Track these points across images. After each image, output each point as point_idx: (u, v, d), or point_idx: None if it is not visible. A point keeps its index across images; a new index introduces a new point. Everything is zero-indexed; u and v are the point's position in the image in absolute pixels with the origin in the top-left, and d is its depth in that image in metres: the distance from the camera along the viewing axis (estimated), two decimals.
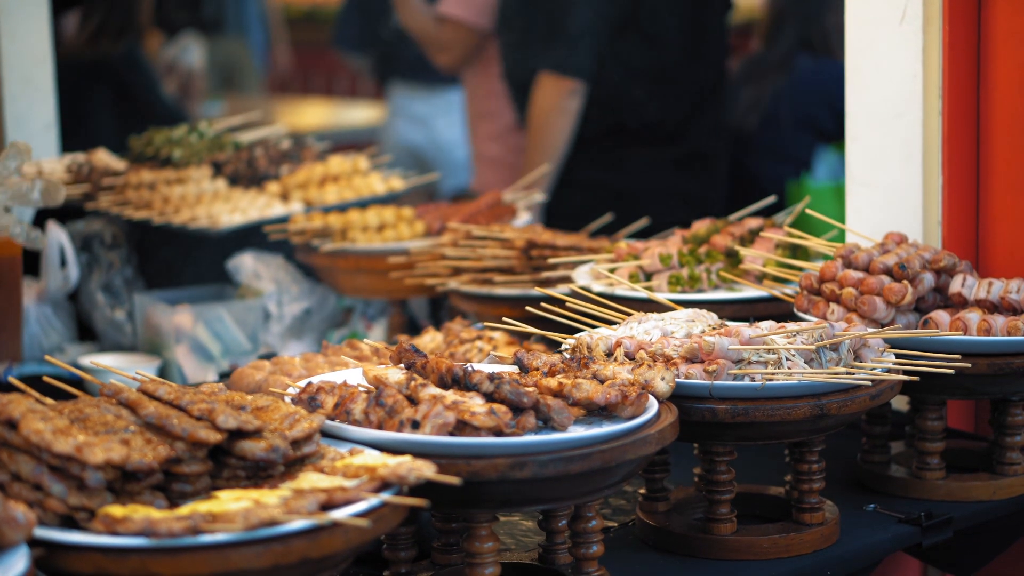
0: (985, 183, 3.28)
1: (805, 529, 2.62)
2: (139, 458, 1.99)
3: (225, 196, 4.36)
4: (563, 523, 2.46)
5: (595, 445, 2.22)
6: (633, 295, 3.14)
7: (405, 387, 2.37)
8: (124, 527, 1.89)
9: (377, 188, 4.45)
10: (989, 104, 3.25)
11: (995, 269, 3.26)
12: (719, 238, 3.35)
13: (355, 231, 4.02)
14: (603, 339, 2.63)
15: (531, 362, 2.53)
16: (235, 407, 2.22)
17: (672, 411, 2.40)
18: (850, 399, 2.51)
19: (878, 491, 2.93)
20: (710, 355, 2.51)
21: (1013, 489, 2.91)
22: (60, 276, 4.09)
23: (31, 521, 1.86)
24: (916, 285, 2.89)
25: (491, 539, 2.26)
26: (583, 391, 2.34)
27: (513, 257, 3.58)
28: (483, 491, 2.19)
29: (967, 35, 3.24)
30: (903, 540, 2.75)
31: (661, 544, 2.64)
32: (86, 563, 1.89)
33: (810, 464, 2.63)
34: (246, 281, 4.17)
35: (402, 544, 2.40)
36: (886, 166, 3.34)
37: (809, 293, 2.99)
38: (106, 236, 4.29)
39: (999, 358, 2.78)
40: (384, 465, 2.08)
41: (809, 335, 2.55)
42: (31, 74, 4.73)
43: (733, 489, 2.61)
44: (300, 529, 1.93)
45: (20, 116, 4.69)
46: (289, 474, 2.14)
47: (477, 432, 2.20)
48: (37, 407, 2.06)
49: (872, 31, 3.32)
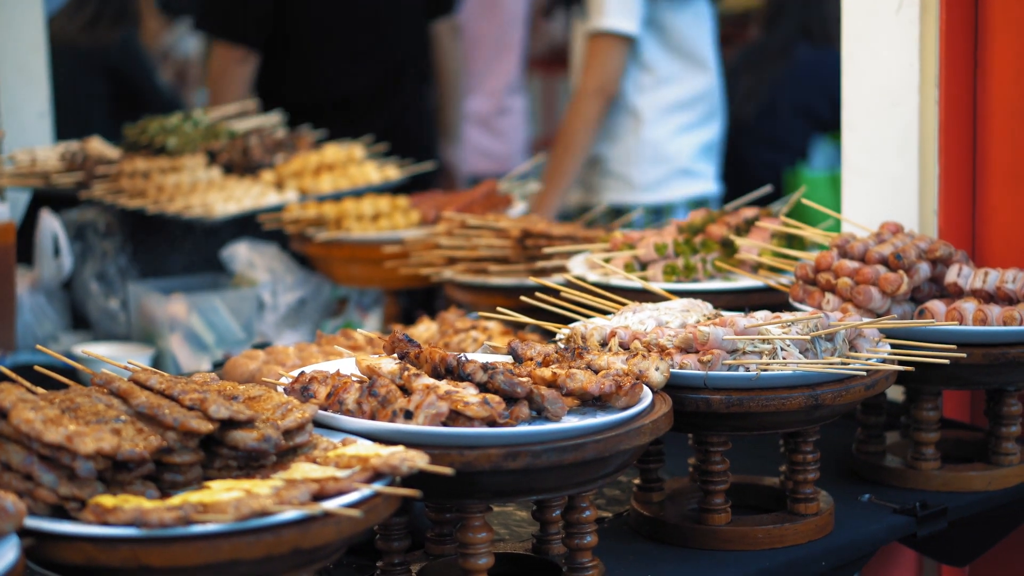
0: (981, 173, 3.27)
1: (800, 520, 2.61)
2: (130, 448, 1.98)
3: (220, 185, 4.35)
4: (557, 513, 2.46)
5: (589, 435, 2.21)
6: (628, 285, 3.13)
7: (398, 377, 2.36)
8: (115, 517, 1.88)
9: (372, 177, 4.44)
10: (986, 93, 3.24)
11: (991, 259, 3.25)
12: (715, 227, 3.34)
13: (350, 220, 4.01)
14: (598, 329, 2.62)
15: (525, 352, 2.52)
16: (227, 397, 2.21)
17: (666, 401, 2.39)
18: (845, 389, 2.51)
19: (873, 481, 2.93)
20: (705, 345, 2.50)
21: (1008, 479, 2.91)
22: (54, 265, 4.08)
23: (21, 511, 1.85)
24: (912, 275, 2.89)
25: (485, 529, 2.26)
26: (577, 381, 2.34)
27: (508, 246, 3.57)
28: (476, 481, 2.18)
29: (964, 24, 3.23)
30: (898, 530, 2.74)
31: (655, 534, 2.64)
32: (76, 553, 1.88)
33: (805, 454, 2.63)
34: (240, 270, 4.16)
35: (395, 534, 2.39)
36: (882, 155, 3.33)
37: (804, 283, 2.98)
38: (100, 225, 4.28)
39: (995, 348, 2.77)
40: (377, 455, 2.07)
41: (804, 325, 2.54)
42: (25, 62, 4.72)
43: (727, 479, 2.60)
44: (292, 519, 1.93)
45: (14, 104, 4.68)
46: (281, 464, 2.13)
47: (470, 422, 2.20)
48: (28, 396, 2.05)
49: (869, 20, 3.31)
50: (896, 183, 3.31)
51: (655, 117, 5.43)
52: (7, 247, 3.72)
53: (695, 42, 5.46)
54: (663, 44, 5.41)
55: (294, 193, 4.30)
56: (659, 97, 5.44)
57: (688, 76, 5.47)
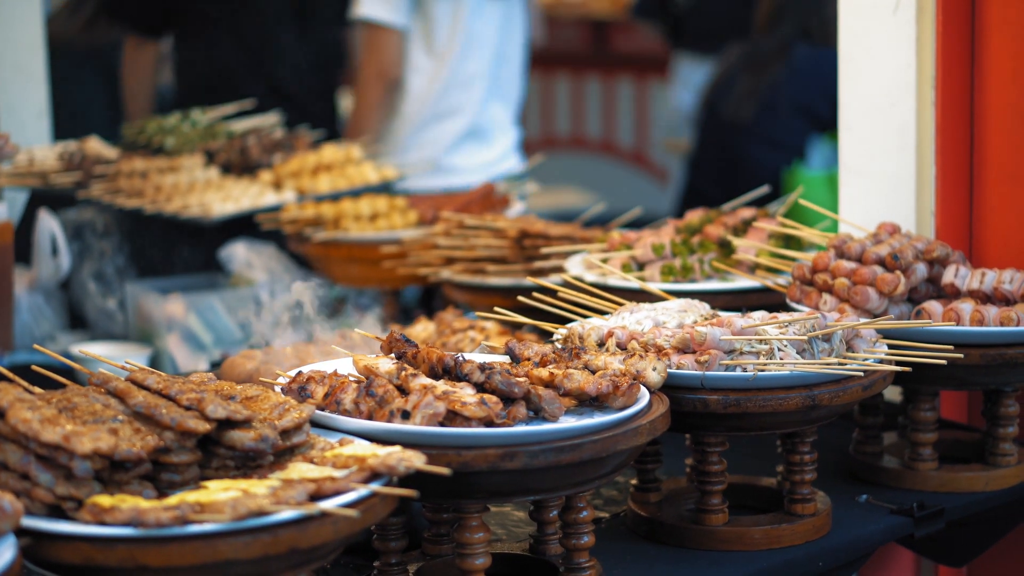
0: (979, 173, 3.27)
1: (797, 520, 2.61)
2: (127, 448, 1.98)
3: (217, 185, 4.35)
4: (554, 514, 2.46)
5: (586, 436, 2.21)
6: (625, 285, 3.13)
7: (396, 377, 2.36)
8: (112, 517, 1.88)
9: (370, 177, 4.44)
10: (983, 93, 3.24)
11: (988, 259, 3.25)
12: (712, 228, 3.34)
13: (348, 220, 4.01)
14: (595, 329, 2.62)
15: (522, 352, 2.52)
16: (224, 397, 2.21)
17: (664, 402, 2.39)
18: (842, 390, 2.51)
19: (870, 482, 2.93)
20: (702, 345, 2.50)
21: (1006, 480, 2.91)
22: (52, 265, 4.08)
23: (18, 511, 1.85)
24: (909, 275, 2.89)
25: (482, 529, 2.26)
26: (574, 381, 2.34)
27: (506, 246, 3.57)
28: (473, 481, 2.18)
29: (960, 24, 3.23)
30: (895, 531, 2.74)
31: (652, 535, 2.64)
32: (74, 553, 1.88)
33: (802, 455, 2.63)
34: (238, 270, 4.16)
35: (392, 534, 2.39)
36: (879, 156, 3.33)
37: (802, 283, 2.98)
38: (98, 224, 4.28)
39: (992, 348, 2.77)
40: (374, 455, 2.07)
41: (801, 325, 2.54)
42: (23, 62, 4.71)
43: (725, 480, 2.60)
44: (289, 519, 1.93)
45: (12, 104, 4.68)
46: (278, 464, 2.13)
47: (468, 422, 2.20)
48: (25, 396, 2.05)
49: (866, 20, 3.31)
50: (893, 183, 3.31)
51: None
52: (5, 246, 3.71)
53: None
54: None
55: (292, 193, 4.30)
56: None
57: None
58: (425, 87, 5.48)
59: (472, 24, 5.45)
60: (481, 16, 5.48)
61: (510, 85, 5.72)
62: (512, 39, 5.65)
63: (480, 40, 5.51)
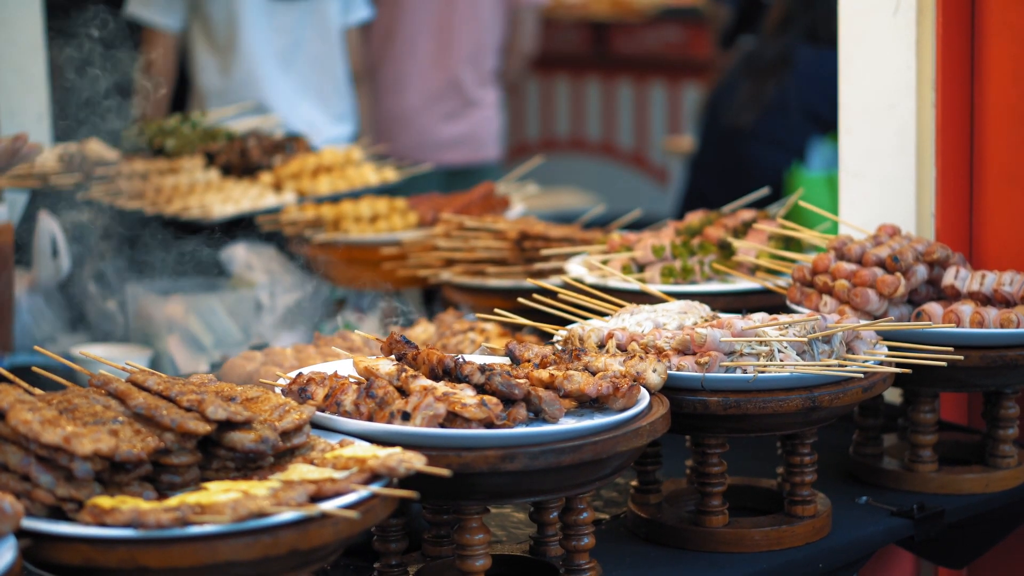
0: (979, 175, 3.27)
1: (797, 522, 2.61)
2: (128, 449, 1.98)
3: (218, 186, 4.36)
4: (554, 515, 2.46)
5: (586, 437, 2.21)
6: (625, 287, 3.13)
7: (396, 378, 2.36)
8: (112, 518, 1.88)
9: (370, 179, 4.44)
10: (983, 96, 3.24)
11: (988, 261, 3.25)
12: (712, 230, 3.34)
13: (348, 222, 4.02)
14: (595, 331, 2.62)
15: (523, 354, 2.52)
16: (225, 398, 2.21)
17: (664, 403, 2.39)
18: (842, 391, 2.51)
19: (870, 484, 2.93)
20: (702, 347, 2.50)
21: (1006, 482, 2.91)
22: (52, 266, 4.08)
23: (19, 512, 1.85)
24: (909, 277, 2.89)
25: (482, 531, 2.26)
26: (574, 383, 2.34)
27: (506, 248, 3.57)
28: (473, 483, 2.18)
29: (960, 26, 3.23)
30: (895, 533, 2.74)
31: (652, 536, 2.64)
32: (74, 554, 1.88)
33: (802, 456, 2.63)
34: (238, 272, 4.16)
35: (392, 536, 2.39)
36: (879, 158, 3.33)
37: (802, 285, 2.98)
38: (98, 226, 4.27)
39: (992, 350, 2.77)
40: (374, 456, 2.07)
41: (801, 327, 2.54)
42: (23, 64, 4.71)
43: (725, 481, 2.60)
44: (289, 521, 1.93)
45: (12, 106, 4.68)
46: (279, 465, 2.13)
47: (468, 424, 2.20)
48: (25, 397, 2.05)
49: (866, 22, 3.32)
50: (893, 185, 3.31)
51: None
52: (5, 248, 3.71)
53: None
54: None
55: (292, 195, 4.30)
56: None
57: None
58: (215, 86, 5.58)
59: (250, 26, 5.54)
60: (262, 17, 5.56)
61: (327, 86, 5.76)
62: (314, 40, 5.70)
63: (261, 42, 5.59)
